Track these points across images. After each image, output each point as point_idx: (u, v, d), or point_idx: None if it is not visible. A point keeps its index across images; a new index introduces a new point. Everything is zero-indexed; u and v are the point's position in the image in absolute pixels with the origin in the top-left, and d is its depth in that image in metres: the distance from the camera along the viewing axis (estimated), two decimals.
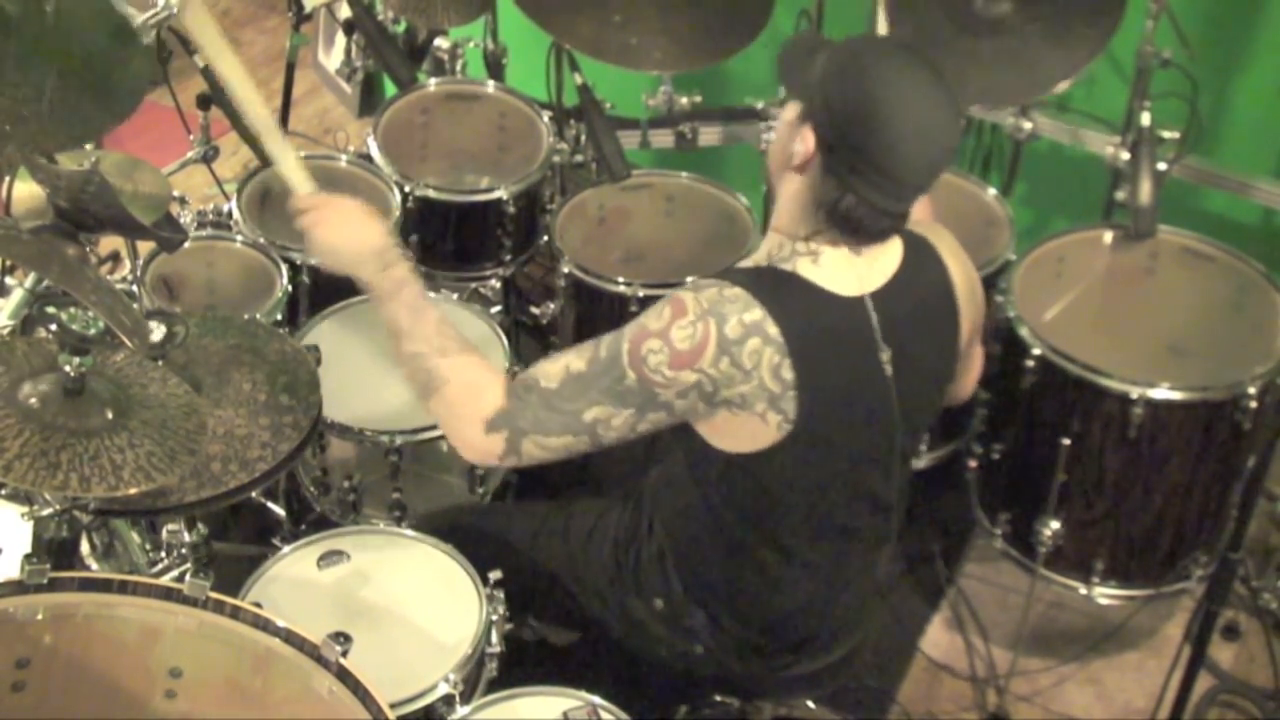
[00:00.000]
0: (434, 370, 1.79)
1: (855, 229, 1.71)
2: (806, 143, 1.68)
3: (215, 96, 2.65)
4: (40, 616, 1.60)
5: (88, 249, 1.80)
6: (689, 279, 2.53)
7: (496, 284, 3.12)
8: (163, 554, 2.27)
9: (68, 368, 1.64)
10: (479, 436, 1.77)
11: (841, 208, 1.68)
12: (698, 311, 1.68)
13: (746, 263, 1.82)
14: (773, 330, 1.67)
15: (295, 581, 2.03)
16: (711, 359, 1.66)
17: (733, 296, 1.69)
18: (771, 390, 1.68)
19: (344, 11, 2.92)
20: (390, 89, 3.25)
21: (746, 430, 1.71)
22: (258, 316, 2.39)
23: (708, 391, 1.68)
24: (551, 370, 1.75)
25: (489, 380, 1.78)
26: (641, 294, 2.54)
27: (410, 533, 2.12)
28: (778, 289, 1.71)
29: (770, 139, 1.81)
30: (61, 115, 1.65)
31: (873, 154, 1.65)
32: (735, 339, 1.66)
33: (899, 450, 1.85)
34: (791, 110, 1.74)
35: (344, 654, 1.61)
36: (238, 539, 2.66)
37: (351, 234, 1.86)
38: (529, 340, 3.22)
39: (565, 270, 2.63)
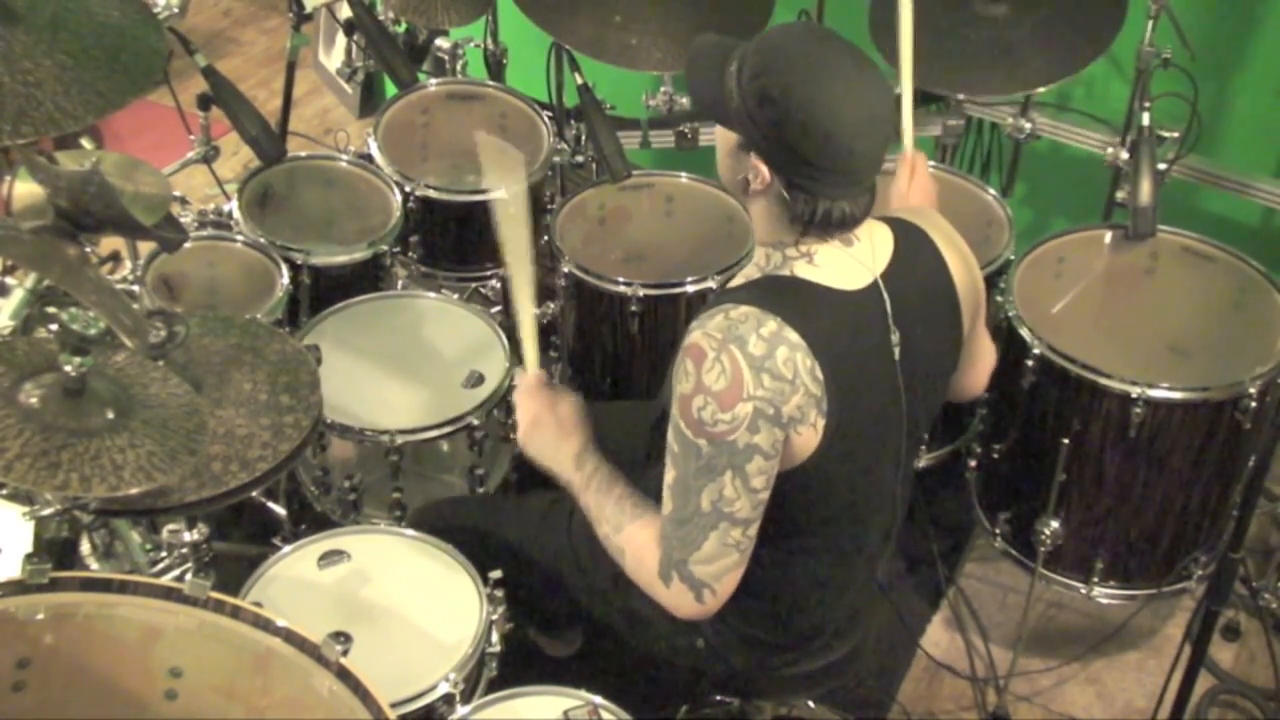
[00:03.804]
0: (616, 547, 1.85)
1: (839, 226, 1.72)
2: (760, 172, 1.68)
3: (215, 97, 2.65)
4: (41, 616, 1.60)
5: (88, 249, 1.80)
6: (688, 281, 2.55)
7: (496, 284, 3.12)
8: (163, 554, 2.27)
9: (68, 368, 1.64)
10: (666, 593, 1.79)
11: (818, 216, 1.69)
12: (714, 345, 1.66)
13: (739, 280, 1.81)
14: (793, 336, 1.66)
15: (295, 581, 2.03)
16: (752, 382, 1.65)
17: (741, 316, 1.68)
18: (815, 394, 1.68)
19: (344, 12, 2.92)
20: (390, 89, 3.26)
21: (800, 446, 1.71)
22: (258, 316, 2.39)
23: (770, 414, 1.66)
24: (663, 499, 1.76)
25: (648, 539, 1.80)
26: (641, 294, 2.54)
27: (410, 532, 2.12)
28: (782, 295, 1.71)
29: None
30: (77, 93, 1.65)
31: (829, 163, 1.64)
32: (763, 355, 1.65)
33: (905, 436, 1.85)
34: (726, 138, 1.73)
35: (344, 653, 1.61)
36: (238, 539, 2.66)
37: (550, 447, 1.96)
38: None
39: (565, 270, 2.63)
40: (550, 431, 1.96)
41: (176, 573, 2.22)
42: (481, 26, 3.24)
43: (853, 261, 1.75)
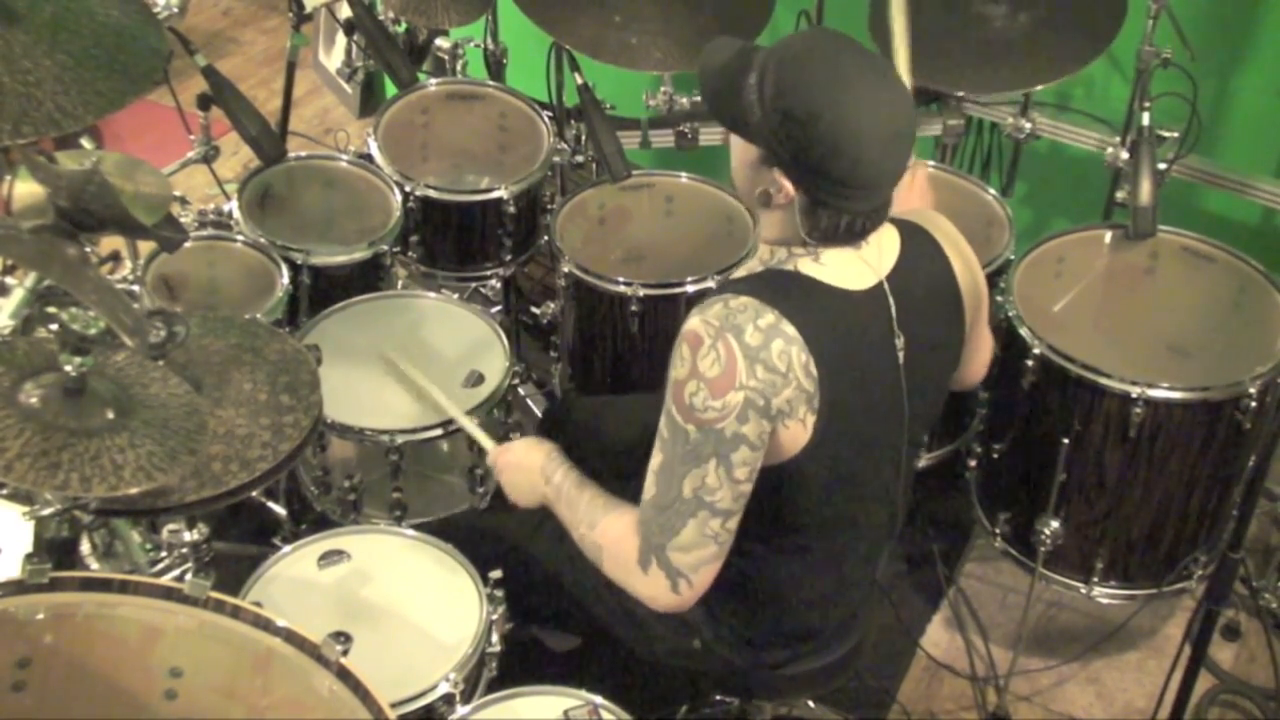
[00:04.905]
0: (593, 544, 1.85)
1: (859, 236, 1.72)
2: (784, 187, 1.68)
3: (215, 97, 2.65)
4: (41, 616, 1.59)
5: (88, 249, 1.80)
6: (689, 279, 2.55)
7: (496, 284, 3.12)
8: (163, 554, 2.27)
9: (68, 368, 1.64)
10: (644, 582, 1.78)
11: (841, 229, 1.70)
12: (711, 333, 1.67)
13: (741, 273, 1.81)
14: (790, 330, 1.67)
15: (295, 581, 2.03)
16: (746, 372, 1.65)
17: (740, 306, 1.68)
18: (807, 390, 1.68)
19: (344, 11, 2.92)
20: (390, 89, 3.26)
21: (787, 440, 1.71)
22: (258, 316, 2.39)
23: (760, 405, 1.66)
24: (646, 484, 1.76)
25: (626, 527, 1.80)
26: (641, 294, 2.54)
27: (410, 532, 2.12)
28: (783, 289, 1.71)
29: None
30: (77, 93, 1.65)
31: (857, 180, 1.65)
32: (758, 346, 1.65)
33: (907, 438, 1.85)
34: (746, 150, 1.71)
35: (344, 653, 1.61)
36: (238, 539, 2.66)
37: (522, 478, 1.99)
38: (529, 340, 3.22)
39: (565, 270, 2.63)
40: (517, 472, 1.99)
41: (176, 573, 2.22)
42: (481, 26, 3.24)
43: (859, 262, 1.75)
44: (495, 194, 2.80)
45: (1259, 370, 2.35)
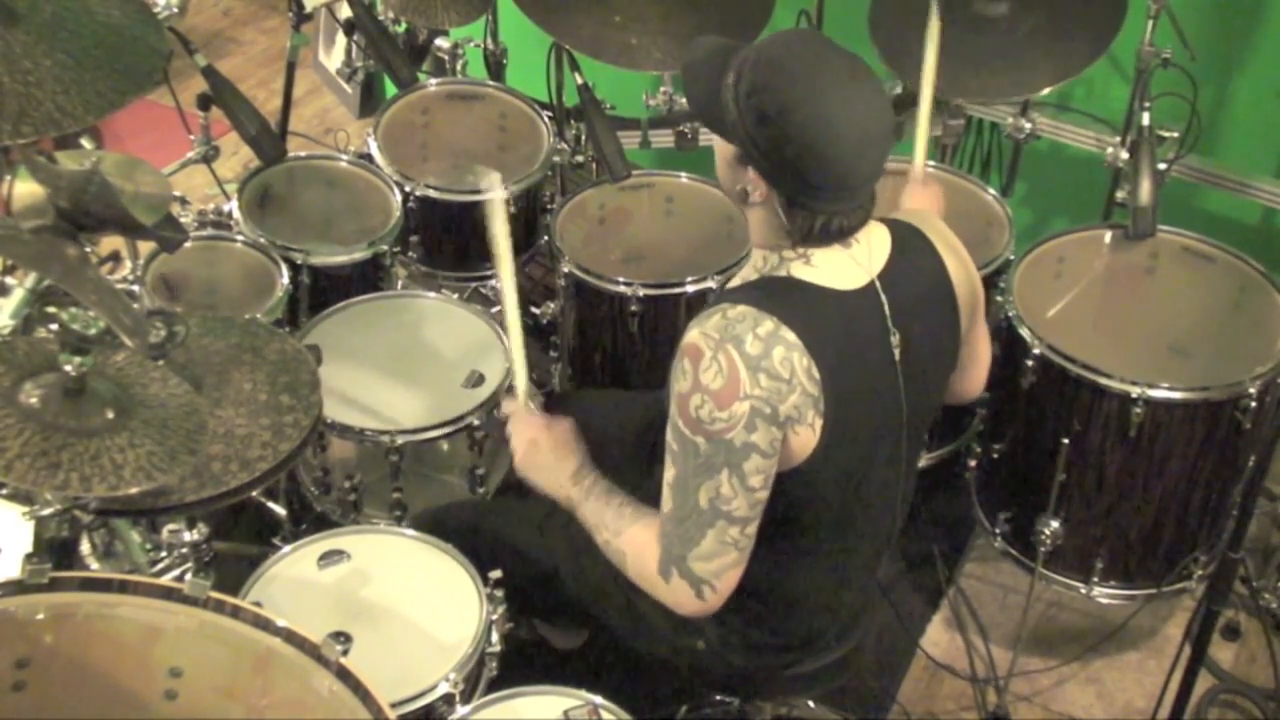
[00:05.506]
0: (618, 550, 1.86)
1: (837, 236, 1.72)
2: (758, 186, 1.69)
3: (215, 97, 2.65)
4: (41, 616, 1.59)
5: (88, 249, 1.80)
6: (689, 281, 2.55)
7: (497, 284, 3.12)
8: (163, 554, 2.27)
9: (68, 367, 1.64)
10: (666, 590, 1.79)
11: (816, 230, 1.70)
12: (711, 344, 1.67)
13: (736, 282, 1.81)
14: (789, 336, 1.67)
15: (295, 581, 2.03)
16: (749, 381, 1.65)
17: (738, 316, 1.68)
18: (812, 394, 1.68)
19: (344, 11, 2.92)
20: (390, 89, 3.26)
21: (798, 446, 1.71)
22: (258, 316, 2.39)
23: (768, 414, 1.66)
24: (663, 498, 1.77)
25: (648, 537, 1.81)
26: (641, 294, 2.54)
27: (410, 532, 2.12)
28: (779, 296, 1.71)
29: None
30: (77, 93, 1.65)
31: (828, 181, 1.65)
32: (759, 354, 1.66)
33: (906, 437, 1.85)
34: (725, 147, 1.73)
35: (344, 653, 1.61)
36: (238, 539, 2.66)
37: (555, 463, 1.96)
38: (529, 340, 3.21)
39: (565, 270, 2.63)
40: (548, 453, 1.97)
41: (176, 573, 2.22)
42: (481, 26, 3.24)
43: (850, 262, 1.75)
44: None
45: (1259, 370, 2.35)
